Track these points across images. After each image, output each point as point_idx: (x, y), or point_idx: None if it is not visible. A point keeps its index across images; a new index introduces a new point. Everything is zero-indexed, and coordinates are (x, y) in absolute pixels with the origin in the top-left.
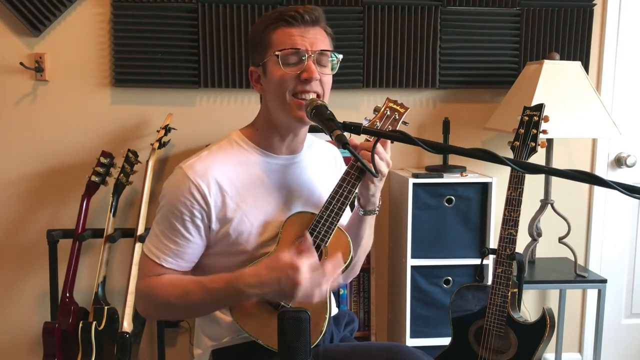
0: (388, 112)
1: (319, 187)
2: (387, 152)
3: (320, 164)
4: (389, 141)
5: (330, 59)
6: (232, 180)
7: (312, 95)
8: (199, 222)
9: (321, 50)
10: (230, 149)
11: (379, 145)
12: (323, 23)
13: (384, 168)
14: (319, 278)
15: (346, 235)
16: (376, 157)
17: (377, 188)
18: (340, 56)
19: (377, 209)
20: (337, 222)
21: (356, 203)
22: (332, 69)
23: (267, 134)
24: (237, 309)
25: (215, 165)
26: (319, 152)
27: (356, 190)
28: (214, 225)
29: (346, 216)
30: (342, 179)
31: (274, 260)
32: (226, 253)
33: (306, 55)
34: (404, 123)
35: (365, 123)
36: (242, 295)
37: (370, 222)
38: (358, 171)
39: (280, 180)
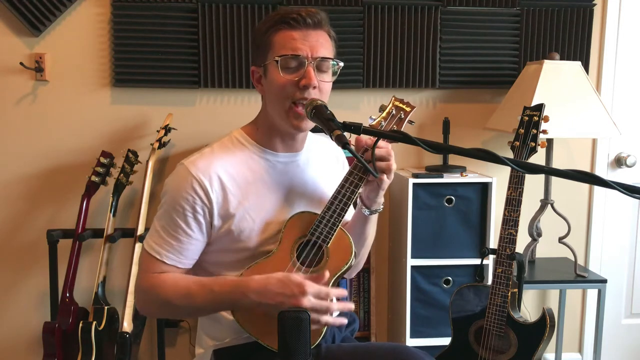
0: (394, 111)
1: (321, 185)
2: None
3: (322, 162)
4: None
5: (332, 62)
6: (234, 177)
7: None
8: (200, 218)
9: (322, 57)
10: (232, 146)
11: (379, 144)
12: (326, 26)
13: (384, 167)
14: (322, 308)
15: (348, 236)
16: (376, 157)
17: (382, 189)
18: (342, 64)
19: (381, 207)
20: (340, 222)
21: (359, 202)
22: (334, 73)
23: (268, 133)
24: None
25: (218, 162)
26: (320, 151)
27: (359, 191)
28: (216, 221)
29: (348, 214)
30: (345, 179)
31: (286, 276)
32: (228, 250)
33: (306, 62)
34: (410, 122)
35: (370, 122)
36: (244, 298)
37: (374, 220)
38: (362, 171)
39: (281, 178)
